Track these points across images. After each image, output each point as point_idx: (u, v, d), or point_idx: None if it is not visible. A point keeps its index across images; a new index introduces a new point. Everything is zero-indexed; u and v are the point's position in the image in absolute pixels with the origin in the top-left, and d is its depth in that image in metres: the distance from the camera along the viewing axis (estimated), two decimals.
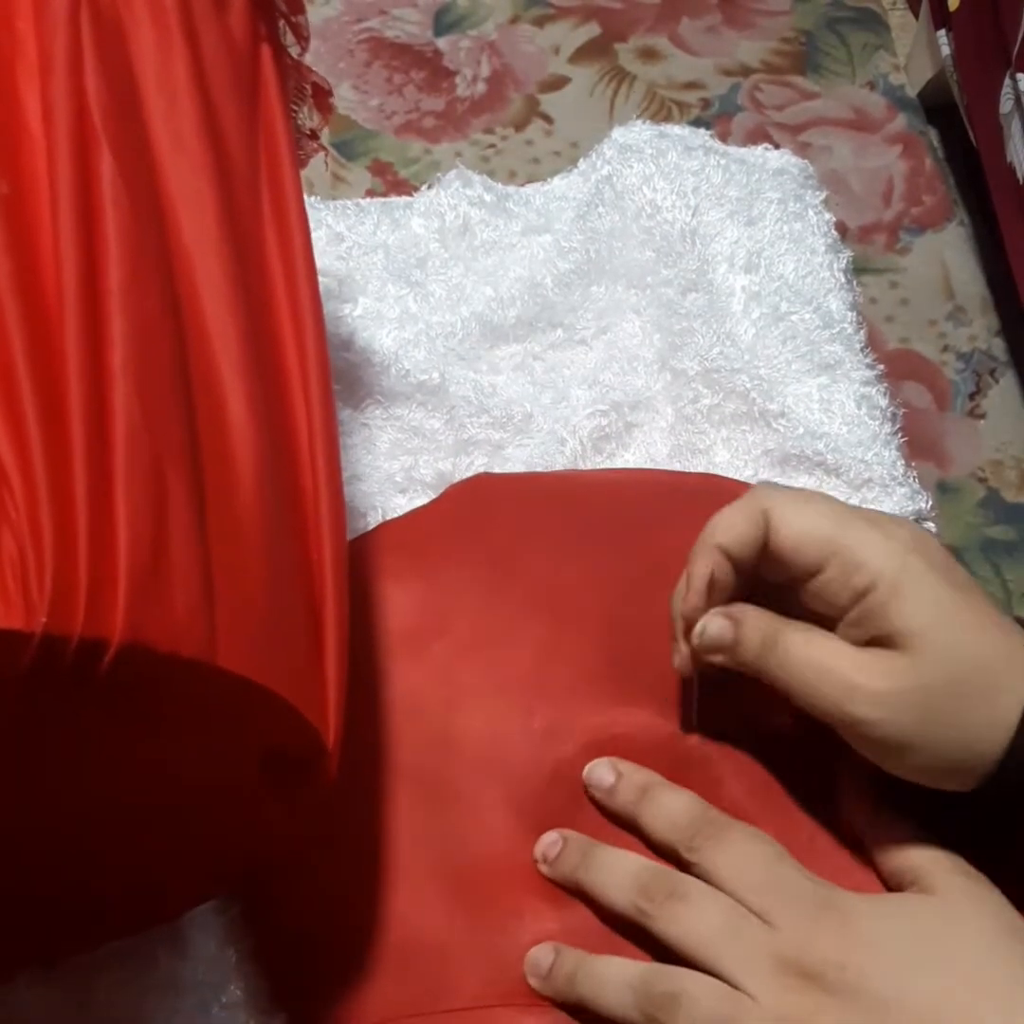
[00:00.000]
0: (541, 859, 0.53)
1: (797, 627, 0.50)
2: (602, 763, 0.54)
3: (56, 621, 0.34)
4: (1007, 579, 0.71)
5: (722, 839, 0.50)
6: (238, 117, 0.48)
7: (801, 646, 0.49)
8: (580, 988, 0.50)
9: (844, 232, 0.79)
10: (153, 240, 0.42)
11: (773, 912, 0.48)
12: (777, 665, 0.50)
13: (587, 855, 0.52)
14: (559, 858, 0.52)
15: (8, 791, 0.41)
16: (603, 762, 0.54)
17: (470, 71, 0.89)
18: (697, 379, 0.69)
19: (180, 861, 0.49)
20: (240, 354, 0.44)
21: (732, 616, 0.51)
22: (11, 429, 0.35)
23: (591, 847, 0.52)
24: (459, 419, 0.68)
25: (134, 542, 0.36)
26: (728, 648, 0.51)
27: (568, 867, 0.52)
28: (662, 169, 0.75)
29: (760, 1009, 0.47)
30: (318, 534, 0.46)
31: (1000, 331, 0.79)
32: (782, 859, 0.50)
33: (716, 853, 0.50)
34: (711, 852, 0.50)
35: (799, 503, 0.50)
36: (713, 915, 0.49)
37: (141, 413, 0.38)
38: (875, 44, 0.92)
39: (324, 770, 0.44)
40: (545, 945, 0.52)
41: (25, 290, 0.38)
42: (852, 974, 0.47)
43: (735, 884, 0.49)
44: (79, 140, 0.41)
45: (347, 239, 0.75)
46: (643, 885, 0.50)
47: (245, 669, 0.38)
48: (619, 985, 0.49)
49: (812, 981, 0.47)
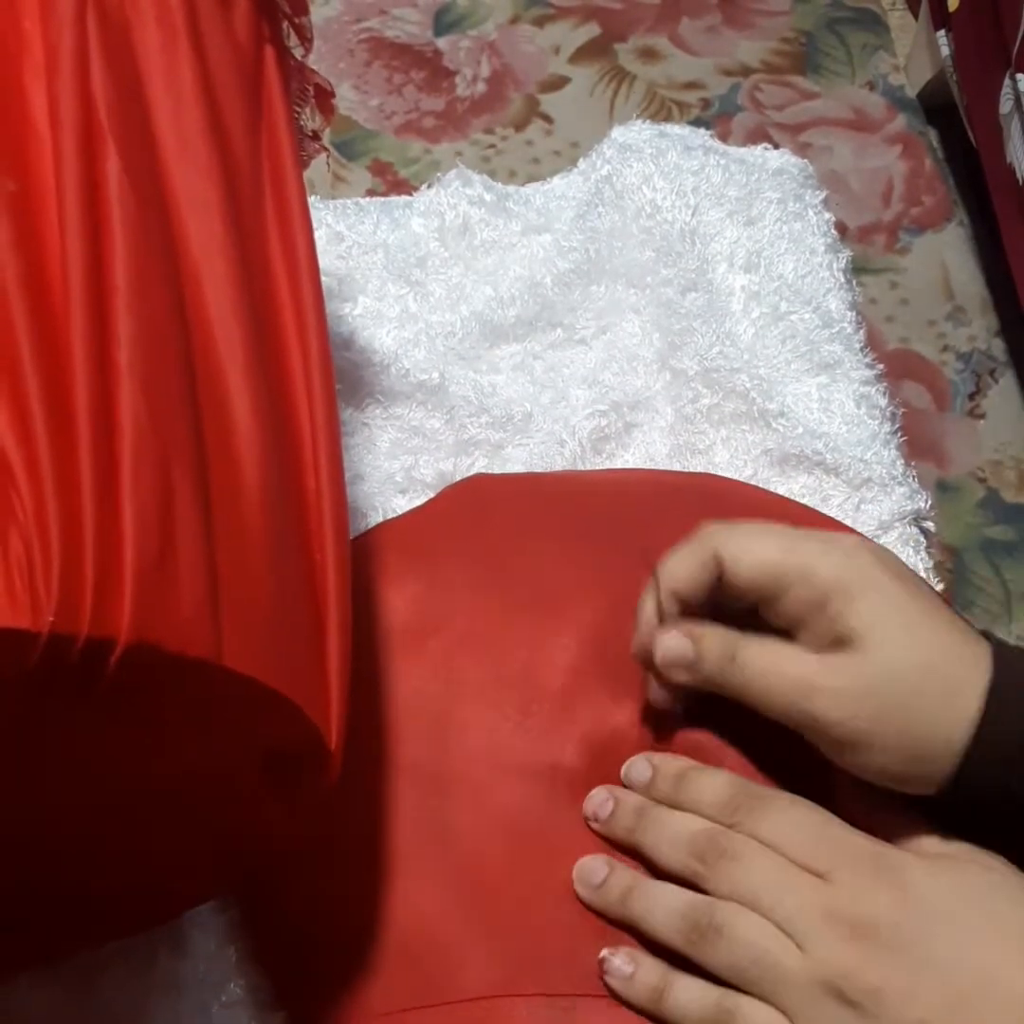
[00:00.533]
0: (592, 817, 0.53)
1: (754, 638, 0.51)
2: (639, 759, 0.54)
3: (63, 620, 0.34)
4: (1007, 579, 0.71)
5: (769, 807, 0.51)
6: (242, 117, 0.48)
7: (759, 654, 0.51)
8: (632, 905, 0.51)
9: (844, 232, 0.79)
10: (159, 238, 0.42)
11: (827, 868, 0.48)
12: (738, 675, 0.51)
13: (642, 815, 0.52)
14: (613, 817, 0.53)
15: (12, 790, 0.41)
16: (639, 758, 0.54)
17: (470, 71, 0.89)
18: (697, 379, 0.69)
19: (181, 860, 0.49)
20: (244, 353, 0.44)
21: (691, 633, 0.52)
22: (18, 428, 0.35)
23: (644, 807, 0.53)
24: (459, 419, 0.68)
25: (140, 541, 0.36)
26: (690, 664, 0.52)
27: (622, 827, 0.53)
28: (662, 169, 0.75)
29: (805, 957, 0.47)
30: (321, 534, 0.46)
31: (999, 331, 0.80)
32: (832, 820, 0.51)
33: (763, 820, 0.50)
34: (759, 820, 0.50)
35: (747, 538, 0.52)
36: (767, 872, 0.49)
37: (147, 412, 0.38)
38: (875, 44, 0.92)
39: (327, 770, 0.44)
40: (599, 857, 0.52)
41: (32, 288, 0.38)
42: (906, 932, 0.47)
43: (788, 845, 0.49)
44: (85, 139, 0.41)
45: (347, 238, 0.76)
46: (698, 845, 0.50)
47: (250, 669, 0.38)
48: (669, 909, 0.50)
49: (863, 935, 0.47)
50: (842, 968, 0.47)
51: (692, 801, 0.52)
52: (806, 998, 0.47)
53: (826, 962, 0.47)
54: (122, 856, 0.48)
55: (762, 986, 0.48)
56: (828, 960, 0.47)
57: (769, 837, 0.50)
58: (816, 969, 0.47)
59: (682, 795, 0.52)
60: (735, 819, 0.51)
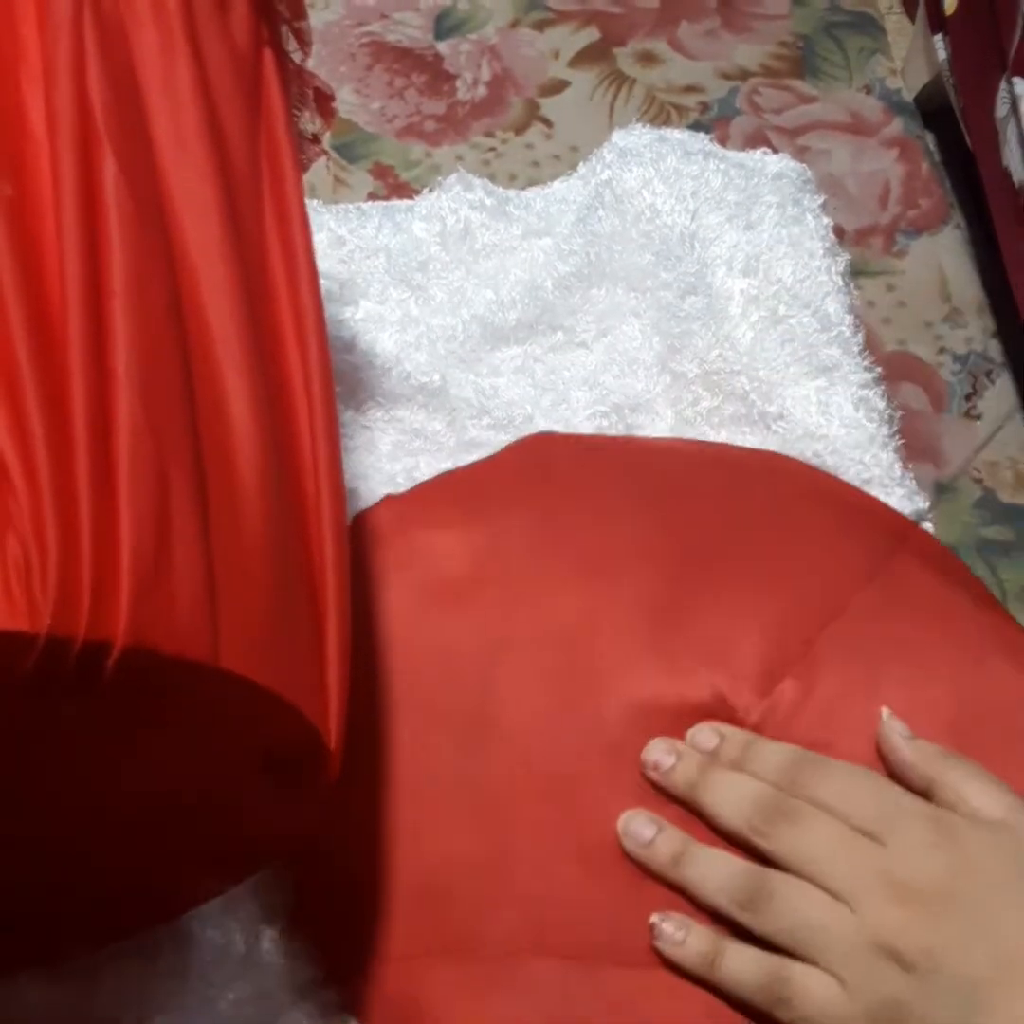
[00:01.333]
0: (652, 766, 0.54)
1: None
2: (705, 727, 0.55)
3: (60, 623, 0.34)
4: (1003, 579, 0.71)
5: (829, 773, 0.51)
6: (241, 121, 0.48)
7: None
8: (683, 870, 0.51)
9: (841, 235, 0.79)
10: (156, 242, 0.42)
11: (885, 832, 0.49)
12: None
13: (706, 775, 0.53)
14: (674, 769, 0.53)
15: (10, 792, 0.41)
16: (706, 726, 0.55)
17: (470, 75, 0.89)
18: (697, 381, 0.69)
19: (182, 860, 0.49)
20: (243, 356, 0.44)
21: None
22: (14, 430, 0.35)
23: (709, 766, 0.53)
24: (460, 421, 0.69)
25: (137, 543, 0.36)
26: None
27: (684, 782, 0.53)
28: (661, 173, 0.76)
29: (856, 920, 0.47)
30: (320, 536, 0.46)
31: (996, 333, 0.80)
32: (890, 785, 0.51)
33: (823, 785, 0.51)
34: (819, 785, 0.51)
35: None
36: (824, 836, 0.49)
37: (144, 415, 0.38)
38: (872, 48, 0.92)
39: (326, 771, 0.44)
40: (643, 814, 0.53)
41: (29, 292, 0.38)
42: (960, 897, 0.47)
43: (846, 810, 0.50)
44: (82, 143, 0.41)
45: (349, 242, 0.76)
46: (760, 806, 0.51)
47: (248, 671, 0.38)
48: (723, 875, 0.50)
49: (918, 899, 0.47)
50: (895, 929, 0.47)
51: (755, 767, 0.53)
52: (859, 961, 0.47)
53: (879, 924, 0.47)
54: (122, 856, 0.48)
55: (814, 952, 0.48)
56: (881, 922, 0.47)
57: (829, 802, 0.50)
58: (869, 931, 0.47)
59: (746, 761, 0.53)
60: (796, 784, 0.51)
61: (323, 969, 0.54)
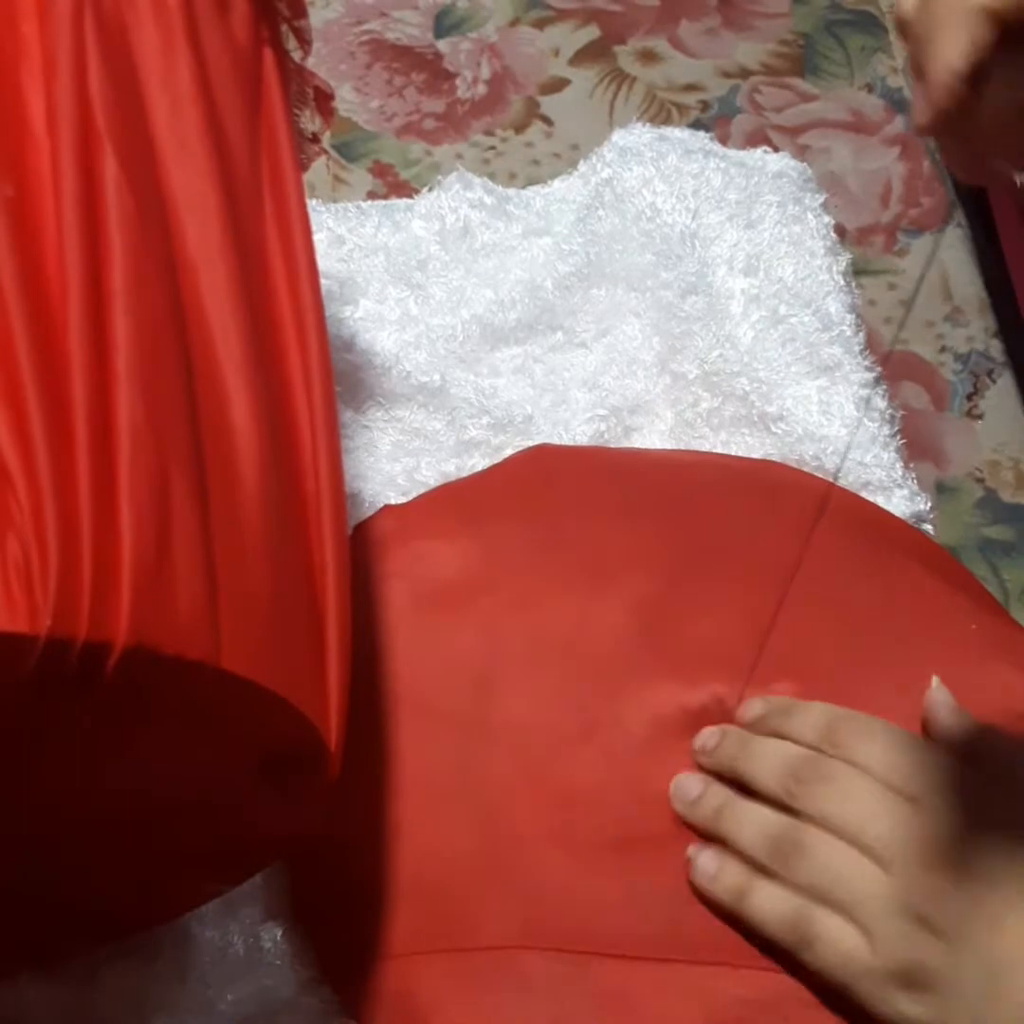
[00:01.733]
0: (700, 750, 0.54)
1: None
2: (754, 700, 0.55)
3: (60, 624, 0.34)
4: (1004, 579, 0.71)
5: (865, 733, 0.52)
6: (241, 120, 0.48)
7: None
8: (722, 823, 0.52)
9: (842, 234, 0.79)
10: (157, 242, 0.42)
11: (918, 793, 0.49)
12: None
13: (746, 745, 0.53)
14: (719, 748, 0.54)
15: (11, 793, 0.41)
16: (754, 699, 0.55)
17: (470, 73, 0.89)
18: (697, 382, 0.69)
19: (182, 861, 0.49)
20: (243, 356, 0.44)
21: None
22: (15, 430, 0.35)
23: (749, 738, 0.54)
24: (460, 421, 0.69)
25: (138, 544, 0.36)
26: None
27: (727, 756, 0.54)
28: (662, 172, 0.75)
29: (889, 881, 0.48)
30: (320, 536, 0.46)
31: (997, 332, 0.80)
32: (926, 745, 0.51)
33: (859, 745, 0.51)
34: (855, 745, 0.51)
35: None
36: (858, 795, 0.50)
37: (145, 415, 0.38)
38: (873, 47, 0.92)
39: (326, 771, 0.44)
40: (694, 776, 0.54)
41: (29, 292, 0.38)
42: (988, 861, 0.47)
43: (881, 770, 0.50)
44: (83, 142, 0.41)
45: (348, 241, 0.76)
46: (794, 767, 0.51)
47: (248, 671, 0.38)
48: (757, 826, 0.51)
49: (951, 864, 0.47)
50: (928, 895, 0.47)
51: (793, 731, 0.53)
52: (889, 920, 0.47)
53: (912, 887, 0.47)
54: (122, 857, 0.48)
55: (844, 905, 0.48)
56: (914, 885, 0.47)
57: (864, 761, 0.51)
58: (901, 893, 0.47)
59: (784, 727, 0.53)
60: (832, 744, 0.52)
61: (322, 969, 0.54)
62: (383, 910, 0.53)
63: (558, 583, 0.59)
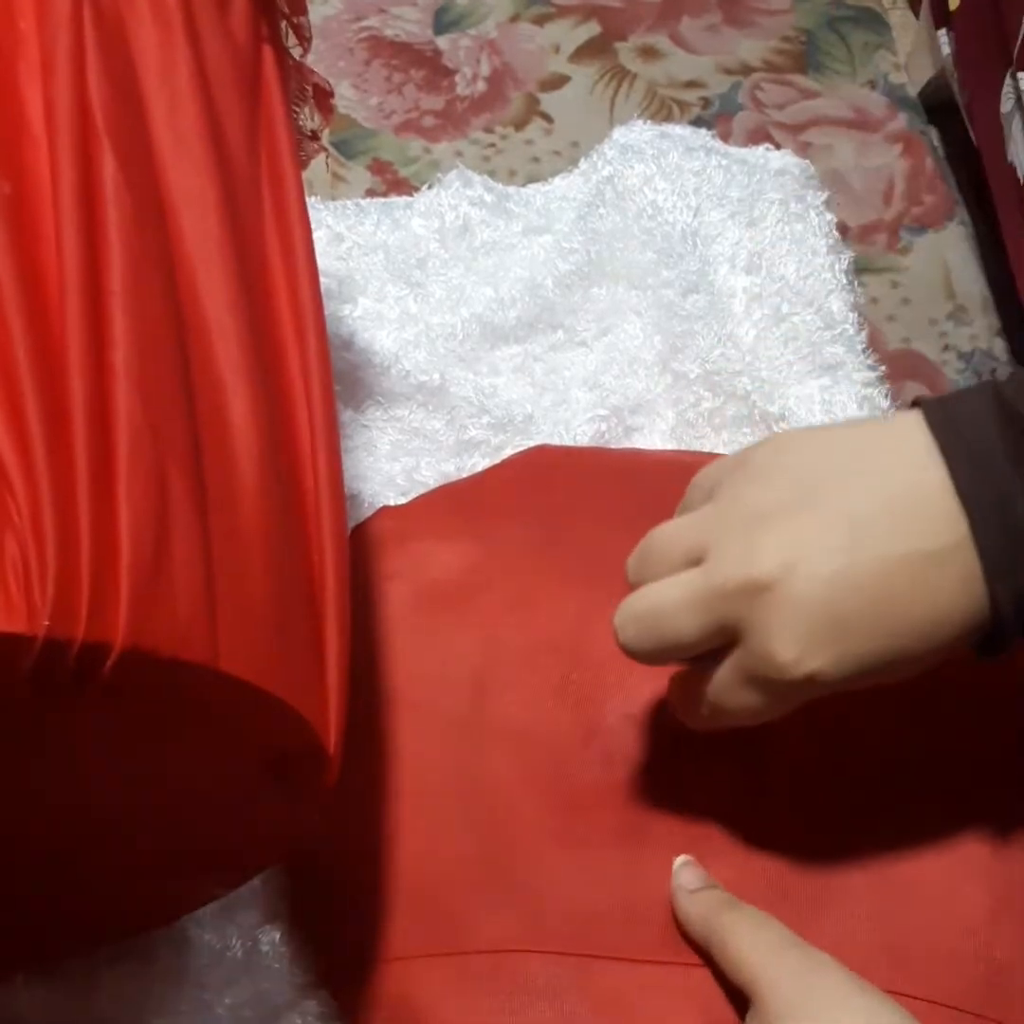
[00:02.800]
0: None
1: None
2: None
3: (58, 625, 0.34)
4: None
5: None
6: (240, 117, 0.48)
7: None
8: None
9: (845, 231, 0.79)
10: (155, 240, 0.42)
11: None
12: None
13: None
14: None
15: (9, 794, 0.41)
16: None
17: (470, 70, 0.88)
18: (698, 382, 0.69)
19: (180, 863, 0.49)
20: (242, 355, 0.43)
21: None
22: (13, 431, 0.35)
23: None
24: (460, 420, 0.68)
25: (136, 545, 0.36)
26: None
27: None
28: (663, 170, 0.75)
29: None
30: (320, 536, 0.45)
31: (1001, 330, 0.79)
32: None
33: None
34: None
35: None
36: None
37: (143, 414, 0.38)
38: (876, 43, 0.92)
39: (325, 772, 0.44)
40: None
41: (27, 290, 0.37)
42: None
43: None
44: (81, 140, 0.41)
45: (347, 239, 0.75)
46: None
47: (247, 673, 0.38)
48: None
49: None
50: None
51: None
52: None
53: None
54: (121, 859, 0.48)
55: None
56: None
57: None
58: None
59: None
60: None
61: (320, 972, 0.54)
62: (381, 913, 0.53)
63: (557, 584, 0.59)
